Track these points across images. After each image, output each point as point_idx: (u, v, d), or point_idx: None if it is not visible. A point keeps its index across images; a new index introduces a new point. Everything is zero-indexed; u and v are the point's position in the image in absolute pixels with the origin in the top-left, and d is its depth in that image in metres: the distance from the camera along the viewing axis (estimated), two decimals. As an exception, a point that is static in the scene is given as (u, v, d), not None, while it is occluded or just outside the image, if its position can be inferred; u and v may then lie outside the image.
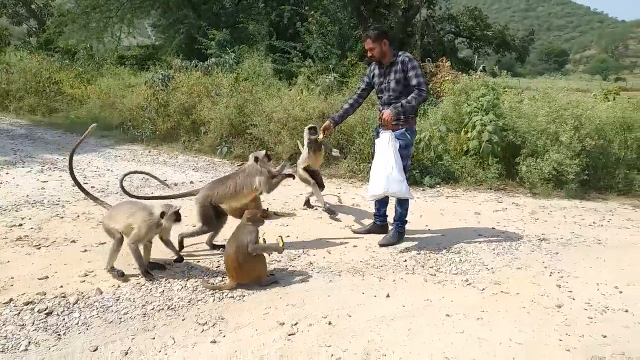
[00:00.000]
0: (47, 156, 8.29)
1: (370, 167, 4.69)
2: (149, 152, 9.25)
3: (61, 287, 3.54)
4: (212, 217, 4.25)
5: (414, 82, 4.38)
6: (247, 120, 8.72)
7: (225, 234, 4.20)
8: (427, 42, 19.86)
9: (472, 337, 3.02)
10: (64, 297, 3.38)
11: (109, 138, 10.51)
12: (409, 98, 4.35)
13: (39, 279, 3.65)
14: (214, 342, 2.92)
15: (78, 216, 5.16)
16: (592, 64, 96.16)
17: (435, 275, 3.97)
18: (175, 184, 6.73)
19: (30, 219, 5.03)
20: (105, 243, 4.27)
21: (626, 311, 3.43)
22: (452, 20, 22.76)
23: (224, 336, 2.99)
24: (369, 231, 4.98)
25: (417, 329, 3.11)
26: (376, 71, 4.65)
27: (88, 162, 8.05)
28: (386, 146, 4.31)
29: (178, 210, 3.75)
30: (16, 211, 5.26)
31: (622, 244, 4.83)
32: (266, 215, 5.38)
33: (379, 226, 4.97)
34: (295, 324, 3.13)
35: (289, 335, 3.01)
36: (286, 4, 15.73)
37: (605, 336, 3.07)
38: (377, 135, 4.62)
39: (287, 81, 10.95)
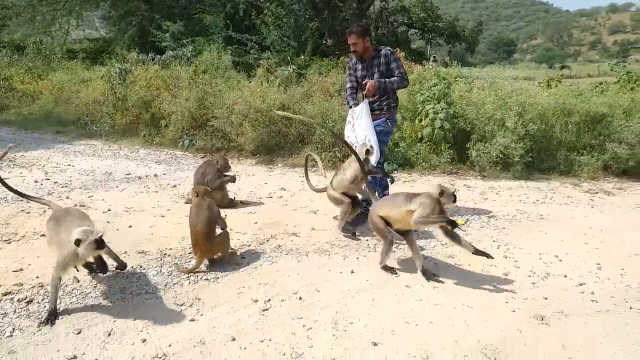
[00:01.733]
0: (3, 153, 8.12)
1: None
2: (109, 146, 9.20)
3: (37, 277, 3.63)
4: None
5: (396, 73, 4.84)
6: (208, 113, 8.80)
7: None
8: (381, 33, 20.27)
9: (429, 303, 3.35)
10: (41, 286, 3.49)
11: (65, 134, 10.34)
12: (391, 79, 4.80)
13: (14, 271, 3.73)
14: (192, 320, 3.11)
15: (44, 211, 5.15)
16: (538, 53, 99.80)
17: (394, 251, 4.27)
18: (139, 177, 6.79)
19: (-5, 215, 5.03)
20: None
21: (565, 276, 3.84)
22: (405, 12, 23.16)
23: (202, 315, 3.18)
24: None
25: (380, 299, 3.41)
26: (359, 65, 5.01)
27: (47, 158, 7.97)
28: (362, 112, 4.70)
29: (99, 237, 3.05)
30: (-21, 208, 5.23)
31: (562, 219, 5.29)
32: (233, 203, 5.58)
33: None
34: (269, 301, 3.36)
35: (263, 310, 3.24)
36: (241, -4, 15.67)
37: (546, 298, 3.45)
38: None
39: (245, 73, 11.02)
